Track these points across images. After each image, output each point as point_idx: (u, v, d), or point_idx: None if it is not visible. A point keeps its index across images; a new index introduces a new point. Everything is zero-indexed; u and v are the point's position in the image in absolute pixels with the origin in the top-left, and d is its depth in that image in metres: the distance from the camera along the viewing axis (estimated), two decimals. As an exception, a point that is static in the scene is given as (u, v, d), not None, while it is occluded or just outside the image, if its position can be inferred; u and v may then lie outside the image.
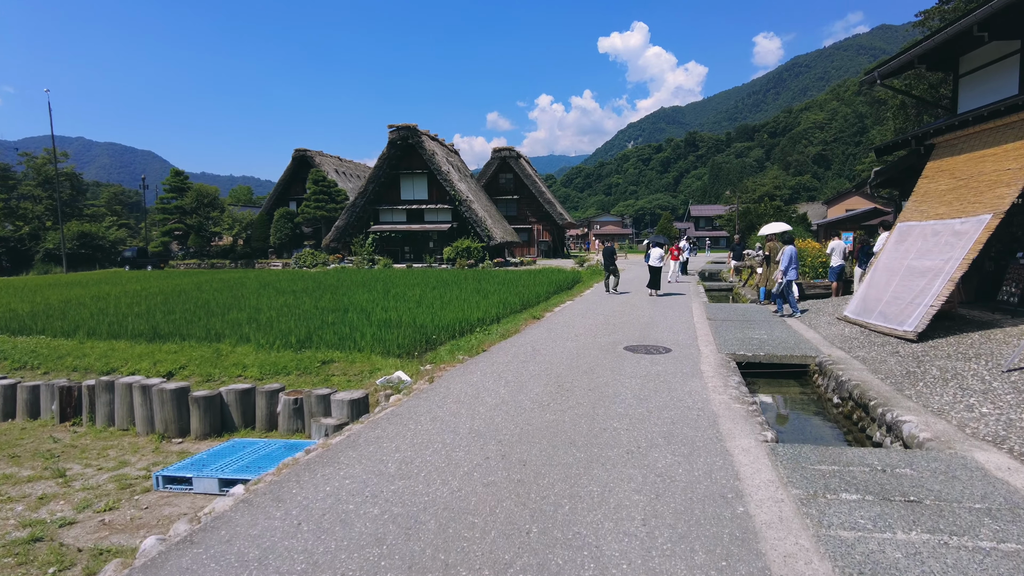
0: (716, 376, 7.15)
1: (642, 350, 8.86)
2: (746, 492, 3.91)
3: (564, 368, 7.65)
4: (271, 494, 4.09)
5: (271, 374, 9.34)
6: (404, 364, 9.32)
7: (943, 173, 9.93)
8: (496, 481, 4.15)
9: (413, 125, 34.73)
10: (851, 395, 6.52)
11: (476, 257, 33.73)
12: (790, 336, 9.95)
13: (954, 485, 3.92)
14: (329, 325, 11.77)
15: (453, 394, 6.51)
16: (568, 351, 8.84)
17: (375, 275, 26.48)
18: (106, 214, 69.48)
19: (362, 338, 10.51)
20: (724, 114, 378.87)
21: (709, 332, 10.56)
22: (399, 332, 10.98)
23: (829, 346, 9.00)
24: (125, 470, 6.45)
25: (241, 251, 53.23)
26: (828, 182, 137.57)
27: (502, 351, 9.04)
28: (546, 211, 50.23)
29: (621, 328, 11.08)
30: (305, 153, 55.08)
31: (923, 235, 9.45)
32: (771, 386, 8.16)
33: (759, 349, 8.86)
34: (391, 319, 12.33)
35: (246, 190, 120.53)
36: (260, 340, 10.72)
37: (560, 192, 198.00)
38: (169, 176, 57.07)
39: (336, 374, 9.28)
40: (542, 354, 8.64)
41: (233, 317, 13.14)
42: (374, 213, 37.07)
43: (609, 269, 18.60)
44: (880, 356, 7.83)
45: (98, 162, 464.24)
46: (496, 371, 7.59)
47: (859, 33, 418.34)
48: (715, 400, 6.11)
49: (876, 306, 9.69)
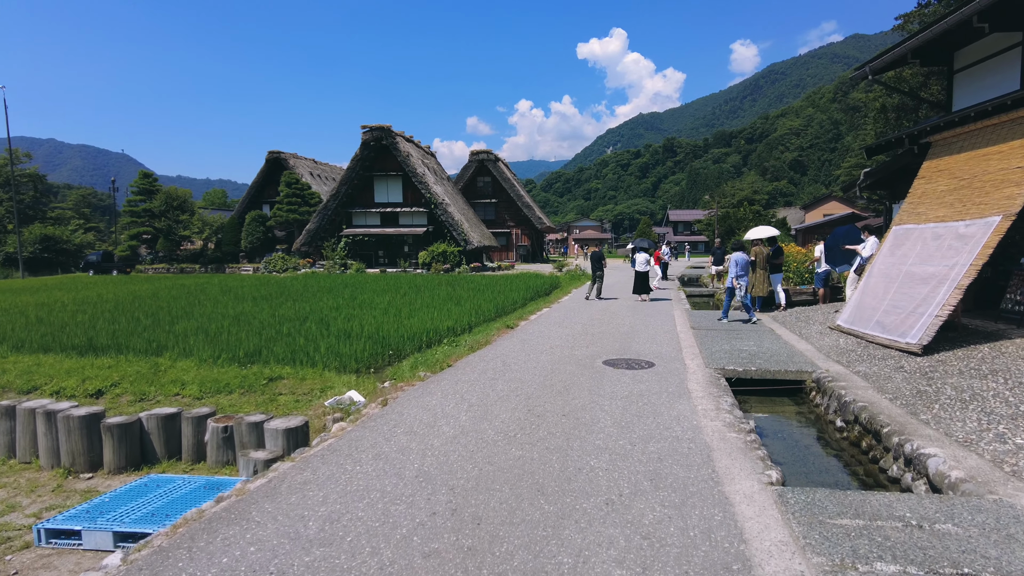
0: (706, 396, 6.35)
1: (623, 364, 8.04)
2: (755, 561, 3.09)
3: (536, 387, 6.79)
4: (151, 569, 3.16)
5: (211, 393, 8.33)
6: (360, 381, 8.39)
7: (941, 173, 9.30)
8: (440, 549, 3.26)
9: (387, 126, 33.68)
10: (857, 418, 5.76)
11: (452, 262, 32.78)
12: (781, 348, 9.22)
13: (1015, 550, 3.13)
14: (283, 336, 10.78)
15: (406, 421, 5.61)
16: (542, 366, 7.98)
17: (345, 280, 25.40)
18: (72, 217, 67.11)
19: (316, 351, 9.55)
20: (702, 120, 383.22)
21: (694, 343, 9.80)
22: (358, 344, 10.04)
23: (825, 359, 8.28)
24: (9, 517, 5.40)
25: (212, 255, 51.57)
26: (804, 187, 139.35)
27: (469, 366, 8.15)
28: (525, 215, 49.47)
29: (600, 339, 10.27)
30: (279, 155, 53.70)
31: (922, 239, 8.80)
32: (764, 404, 7.40)
33: (749, 363, 8.10)
34: (352, 329, 11.37)
35: (220, 193, 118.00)
36: (204, 354, 9.69)
37: (540, 197, 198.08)
38: (137, 178, 55.19)
39: (283, 393, 8.32)
40: (513, 370, 7.77)
41: (182, 327, 12.05)
42: (347, 216, 35.91)
43: (596, 275, 17.79)
44: (884, 372, 7.11)
45: (70, 164, 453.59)
46: (460, 391, 6.70)
47: (833, 42, 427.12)
48: (707, 428, 5.30)
49: (873, 315, 9.01)
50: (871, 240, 11.96)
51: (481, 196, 50.75)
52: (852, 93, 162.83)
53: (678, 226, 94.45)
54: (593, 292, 17.73)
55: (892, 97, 27.01)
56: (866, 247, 11.98)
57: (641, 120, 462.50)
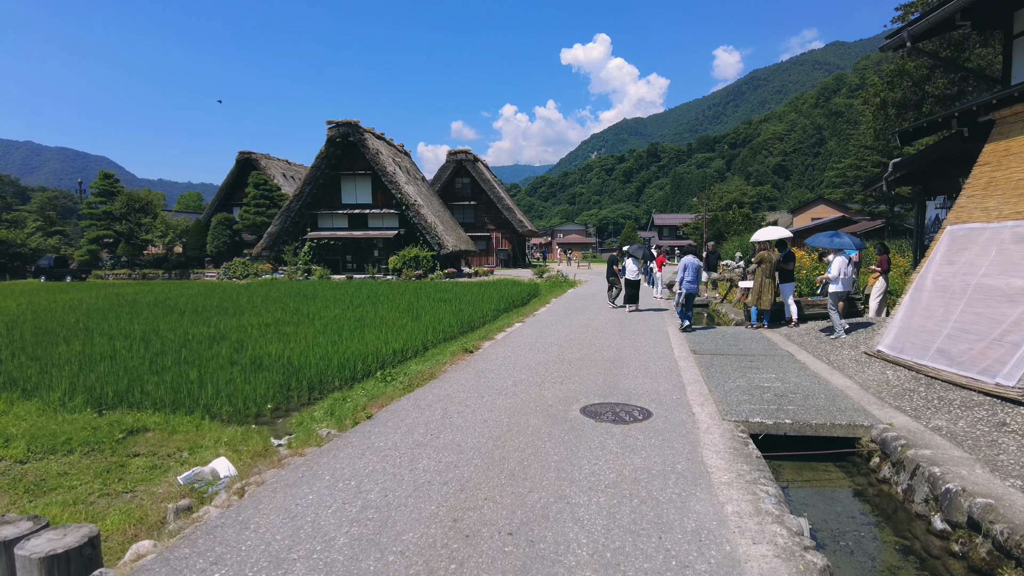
0: (735, 482, 4.15)
1: (608, 415, 5.83)
2: None
3: (479, 464, 4.55)
4: None
5: (43, 453, 5.99)
6: (248, 435, 6.11)
7: (1014, 157, 7.25)
8: None
9: (355, 121, 31.26)
10: (980, 525, 3.61)
11: (425, 267, 30.44)
12: (813, 384, 7.07)
13: None
14: (170, 368, 8.41)
15: (252, 541, 3.35)
16: (495, 419, 5.74)
17: (301, 288, 22.98)
18: (35, 219, 63.61)
19: (201, 389, 7.24)
20: (685, 126, 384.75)
21: (699, 375, 7.63)
22: (268, 378, 7.76)
23: (879, 403, 6.15)
24: None
25: (176, 260, 48.74)
26: (789, 192, 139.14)
27: (394, 418, 5.89)
28: (505, 218, 47.26)
29: (579, 368, 8.06)
30: (250, 156, 51.10)
31: (998, 242, 6.73)
32: (800, 472, 5.24)
33: (778, 409, 5.94)
34: (267, 356, 9.07)
35: (196, 196, 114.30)
36: (56, 393, 7.33)
37: (525, 201, 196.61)
38: (98, 178, 52.16)
39: (142, 453, 6.01)
40: (452, 428, 5.51)
41: (61, 353, 9.65)
42: (312, 218, 33.38)
43: (611, 280, 16.57)
44: (980, 431, 4.98)
45: (48, 167, 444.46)
46: (362, 472, 4.44)
47: (814, 49, 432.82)
48: (750, 558, 3.11)
49: (931, 341, 6.91)
50: (838, 260, 10.07)
51: (459, 198, 48.43)
52: (834, 99, 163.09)
53: (663, 230, 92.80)
54: (613, 297, 16.59)
55: (894, 92, 25.21)
56: (831, 268, 10.13)
57: (625, 125, 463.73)
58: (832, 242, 10.34)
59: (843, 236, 10.33)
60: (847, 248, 10.19)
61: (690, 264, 11.67)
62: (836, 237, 10.38)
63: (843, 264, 10.06)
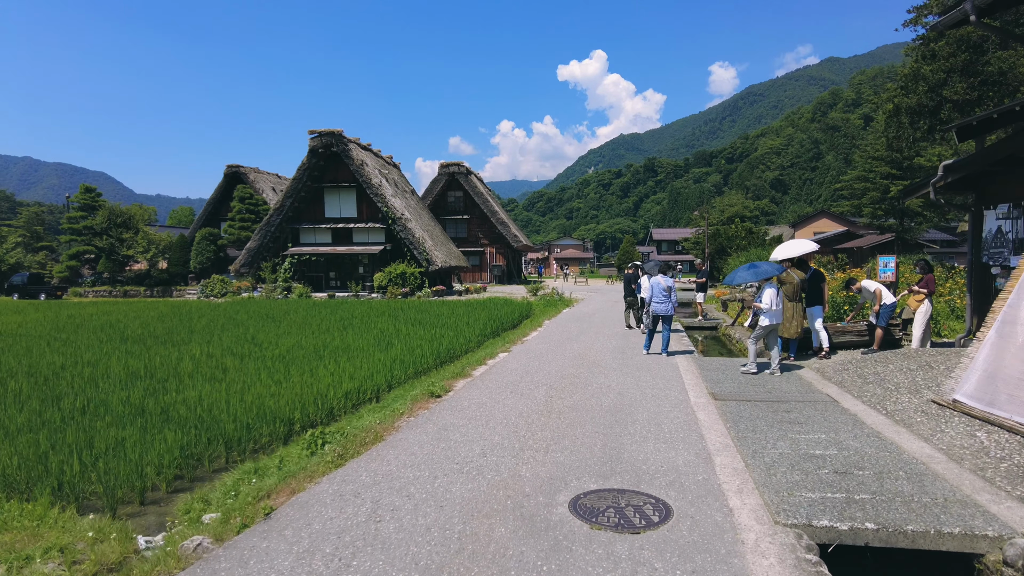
0: None
1: (609, 514, 4.04)
2: None
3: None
4: None
5: None
6: (102, 535, 4.29)
7: None
8: None
9: (338, 131, 29.62)
10: None
11: (412, 284, 28.66)
12: (880, 451, 5.30)
13: None
14: (30, 428, 6.56)
15: None
16: (442, 531, 3.92)
17: (274, 309, 21.16)
18: (15, 234, 61.73)
19: (68, 464, 5.42)
20: (682, 140, 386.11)
21: (727, 434, 5.86)
22: (170, 438, 5.95)
23: (991, 489, 4.37)
24: None
25: (158, 276, 46.95)
26: (787, 206, 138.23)
27: (299, 519, 4.07)
28: (499, 232, 45.59)
29: (570, 426, 6.27)
30: (238, 169, 49.70)
31: None
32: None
33: (846, 500, 4.16)
34: (185, 403, 7.26)
35: (187, 211, 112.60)
36: None
37: (522, 216, 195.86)
38: (78, 192, 50.52)
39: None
40: (374, 545, 3.69)
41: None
42: (293, 233, 31.61)
43: (628, 300, 15.39)
44: None
45: (46, 183, 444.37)
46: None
47: (809, 64, 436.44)
48: None
49: (1040, 395, 5.17)
50: (768, 291, 8.64)
51: (452, 212, 46.80)
52: (831, 113, 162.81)
53: (662, 245, 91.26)
54: (630, 319, 15.59)
55: (909, 97, 23.68)
56: (763, 298, 8.77)
57: (622, 141, 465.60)
58: (755, 274, 9.30)
59: (760, 265, 9.33)
60: (771, 275, 8.97)
61: (655, 285, 10.81)
62: (753, 268, 9.37)
63: (774, 295, 8.77)
